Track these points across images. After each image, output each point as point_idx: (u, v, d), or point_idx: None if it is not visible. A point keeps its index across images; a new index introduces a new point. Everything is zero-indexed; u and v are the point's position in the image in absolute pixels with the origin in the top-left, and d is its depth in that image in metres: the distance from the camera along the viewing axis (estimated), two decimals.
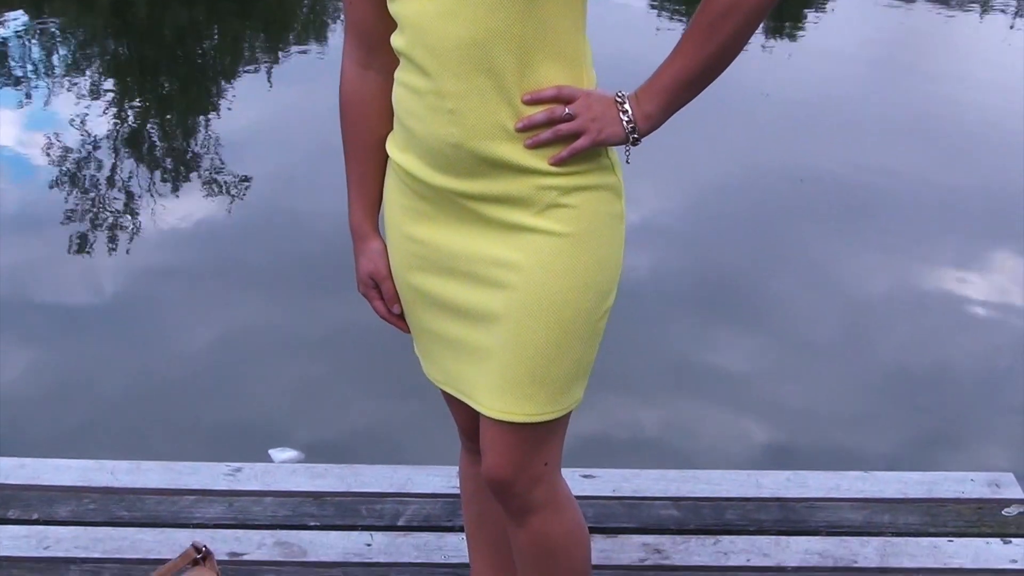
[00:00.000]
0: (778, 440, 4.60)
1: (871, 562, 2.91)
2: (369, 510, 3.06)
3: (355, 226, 2.24)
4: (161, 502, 3.06)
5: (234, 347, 5.07)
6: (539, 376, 2.05)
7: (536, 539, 2.20)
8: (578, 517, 2.25)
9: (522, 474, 2.13)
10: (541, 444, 2.13)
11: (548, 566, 2.23)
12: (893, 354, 5.16)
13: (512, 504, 2.17)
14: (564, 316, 2.04)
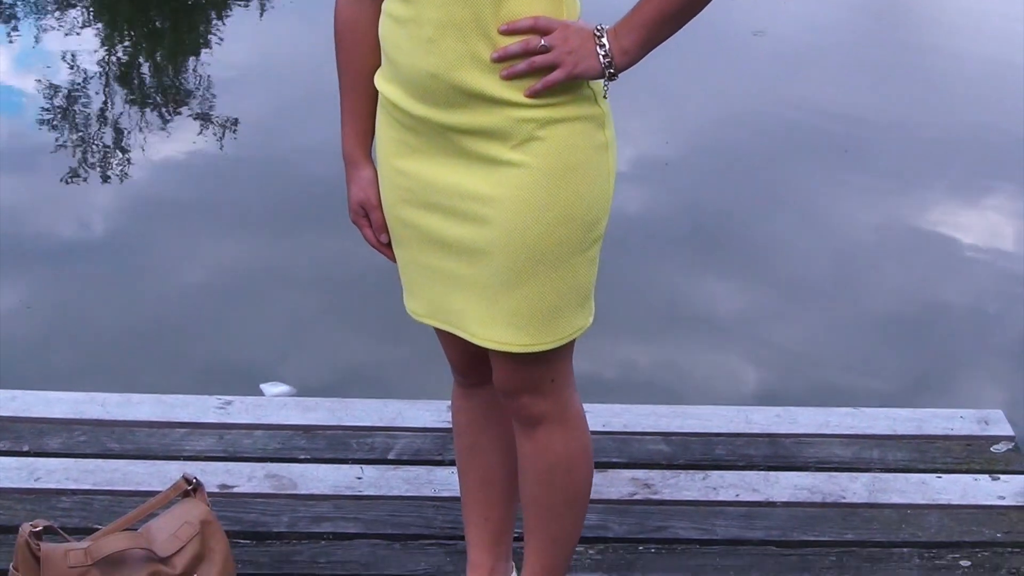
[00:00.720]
0: (768, 379, 4.61)
1: (860, 497, 2.92)
2: (360, 444, 3.06)
3: (347, 153, 2.24)
4: (152, 435, 3.07)
5: (225, 284, 5.06)
6: (528, 308, 2.07)
7: (540, 451, 2.23)
8: (585, 440, 2.27)
9: (528, 388, 2.17)
10: (544, 364, 2.15)
11: (547, 481, 2.25)
12: (884, 295, 5.16)
13: (520, 414, 2.21)
14: (547, 250, 2.04)
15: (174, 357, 4.48)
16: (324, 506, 2.84)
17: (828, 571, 2.69)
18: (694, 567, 2.70)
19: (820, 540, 2.79)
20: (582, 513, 2.34)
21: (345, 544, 2.73)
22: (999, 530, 2.83)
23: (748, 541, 2.78)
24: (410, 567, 2.67)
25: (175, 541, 2.40)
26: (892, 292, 5.19)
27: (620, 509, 2.86)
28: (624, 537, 2.77)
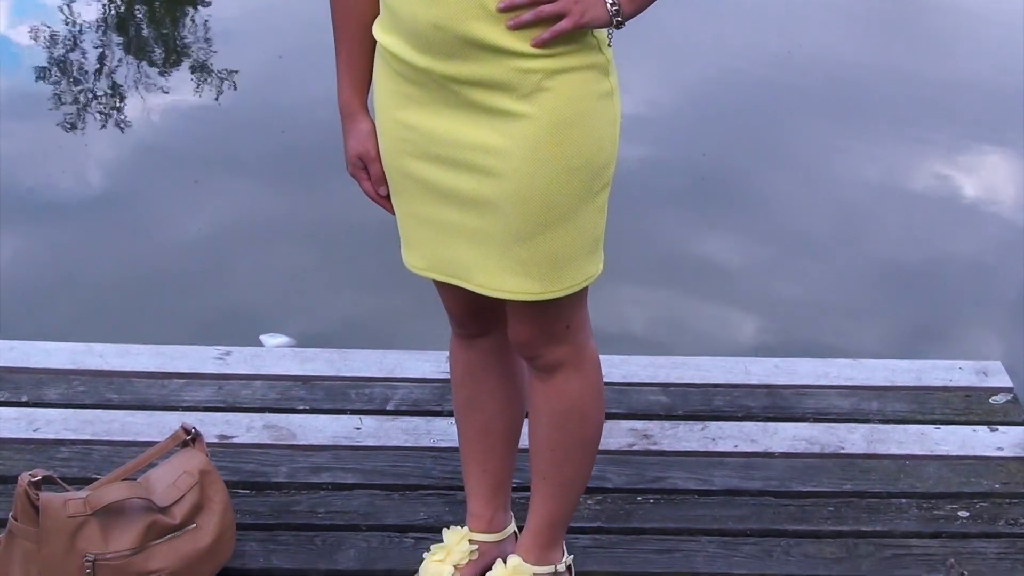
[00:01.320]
0: (768, 332, 4.62)
1: (858, 448, 2.93)
2: (358, 394, 3.06)
3: (344, 106, 2.21)
4: (151, 385, 3.07)
5: (224, 236, 5.05)
6: (539, 256, 2.07)
7: (555, 396, 2.24)
8: (598, 385, 2.28)
9: (543, 337, 2.18)
10: (558, 311, 2.16)
11: (561, 425, 2.26)
12: (884, 247, 5.16)
13: (536, 362, 2.22)
14: (555, 198, 2.03)
15: (173, 308, 4.48)
16: (323, 456, 2.84)
17: (826, 521, 2.70)
18: (692, 517, 2.71)
19: (818, 491, 2.79)
20: (592, 458, 2.36)
21: (344, 494, 2.73)
22: (997, 481, 2.84)
23: (746, 491, 2.78)
24: (409, 517, 2.68)
25: (174, 491, 2.41)
26: (892, 244, 5.19)
27: (619, 459, 2.86)
28: (623, 487, 2.78)
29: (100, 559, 2.30)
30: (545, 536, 2.38)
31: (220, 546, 2.44)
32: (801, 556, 2.61)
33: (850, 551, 2.62)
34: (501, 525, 2.49)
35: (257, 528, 2.63)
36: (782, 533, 2.67)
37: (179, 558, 2.38)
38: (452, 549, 2.45)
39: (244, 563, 2.53)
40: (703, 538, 2.65)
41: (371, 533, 2.63)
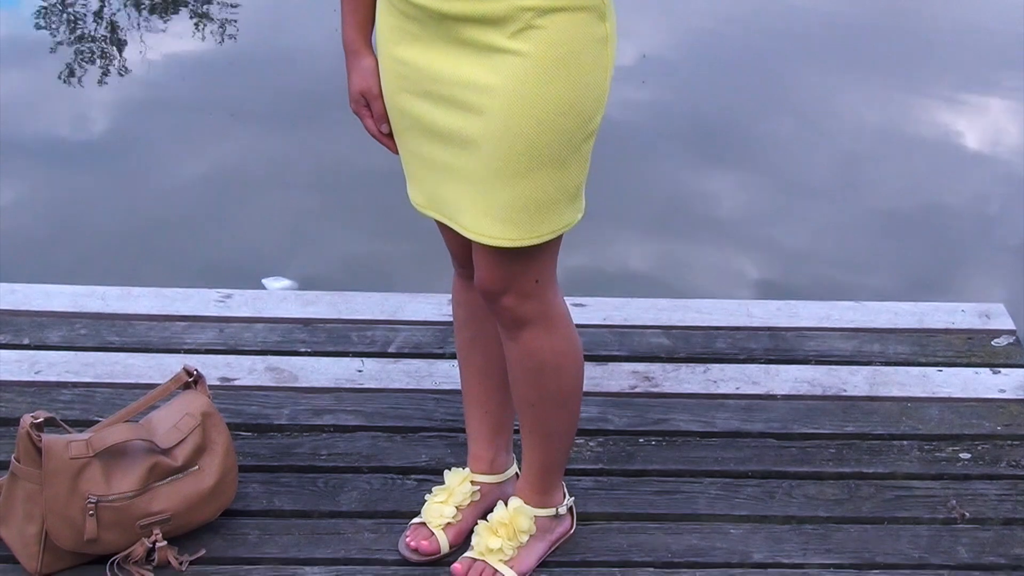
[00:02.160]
0: (770, 277, 4.61)
1: (860, 390, 2.92)
2: (360, 337, 3.06)
3: (347, 42, 2.20)
4: (152, 328, 3.06)
5: (226, 181, 5.04)
6: (520, 201, 2.05)
7: (527, 354, 2.22)
8: (571, 337, 2.25)
9: (512, 289, 2.15)
10: (530, 263, 2.14)
11: (537, 382, 2.25)
12: (886, 193, 5.14)
13: (504, 317, 2.19)
14: (540, 141, 2.02)
15: (174, 254, 4.47)
16: (325, 399, 2.84)
17: (828, 463, 2.70)
18: (694, 459, 2.70)
19: (820, 432, 2.79)
20: (575, 409, 2.35)
21: (346, 436, 2.73)
22: (999, 423, 2.83)
23: (748, 433, 2.78)
24: (411, 459, 2.67)
25: (176, 433, 2.41)
26: (894, 190, 5.17)
27: (621, 402, 2.86)
28: (624, 429, 2.78)
29: (102, 501, 2.30)
30: (541, 482, 2.39)
31: (222, 488, 2.44)
32: (802, 498, 2.61)
33: (851, 493, 2.62)
34: (503, 467, 2.49)
35: (259, 470, 2.63)
36: (784, 475, 2.67)
37: (181, 500, 2.38)
38: (454, 490, 2.45)
39: (247, 505, 2.53)
40: (705, 480, 2.65)
41: (373, 475, 2.63)
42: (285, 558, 2.41)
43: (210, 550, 2.41)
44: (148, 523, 2.35)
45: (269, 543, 2.44)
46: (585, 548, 2.46)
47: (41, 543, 2.32)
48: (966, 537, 2.52)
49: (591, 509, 2.54)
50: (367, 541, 2.45)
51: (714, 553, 2.46)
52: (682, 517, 2.55)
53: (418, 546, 2.41)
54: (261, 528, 2.48)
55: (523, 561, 2.37)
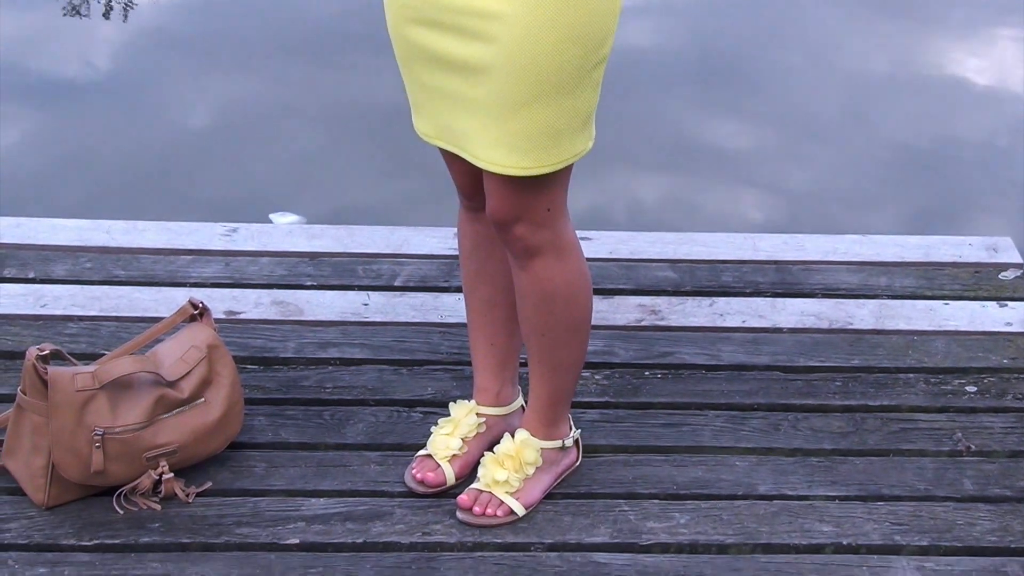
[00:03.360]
0: (777, 213, 4.59)
1: (866, 324, 2.91)
2: (366, 270, 3.05)
3: None
4: (158, 261, 3.05)
5: (232, 119, 5.01)
6: (531, 129, 2.04)
7: (537, 283, 2.21)
8: (581, 267, 2.25)
9: (524, 218, 2.14)
10: (542, 191, 2.12)
11: (547, 311, 2.24)
12: (894, 130, 5.11)
13: (515, 246, 2.18)
14: (551, 68, 2.00)
15: (180, 191, 4.46)
16: (330, 332, 2.83)
17: (834, 396, 2.69)
18: (700, 392, 2.70)
19: (826, 365, 2.78)
20: (584, 339, 2.34)
21: (352, 369, 2.72)
22: (1006, 356, 2.82)
23: (754, 366, 2.77)
24: (417, 392, 2.67)
25: (182, 365, 2.40)
26: (902, 127, 5.14)
27: (627, 335, 2.85)
28: (630, 362, 2.77)
29: (109, 433, 2.29)
30: (548, 414, 2.38)
31: (229, 420, 2.43)
32: (808, 430, 2.60)
33: (857, 425, 2.61)
34: (508, 399, 2.48)
35: (265, 403, 2.62)
36: (789, 408, 2.66)
37: (188, 432, 2.37)
38: (460, 422, 2.45)
39: (252, 437, 2.53)
40: (710, 412, 2.64)
41: (379, 408, 2.62)
42: (291, 490, 2.41)
43: (216, 482, 2.41)
44: (154, 455, 2.34)
45: (275, 475, 2.44)
46: (591, 480, 2.45)
47: (48, 475, 2.31)
48: (971, 470, 2.51)
49: (597, 441, 2.54)
50: (373, 473, 2.45)
51: (719, 485, 2.45)
52: (687, 449, 2.54)
53: (424, 478, 2.41)
54: (267, 460, 2.48)
55: (529, 493, 2.37)
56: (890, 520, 2.38)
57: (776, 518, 2.37)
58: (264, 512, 2.35)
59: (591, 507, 2.39)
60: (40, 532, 2.29)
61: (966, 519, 2.39)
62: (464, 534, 2.32)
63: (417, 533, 2.31)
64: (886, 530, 2.35)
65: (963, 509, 2.41)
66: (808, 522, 2.37)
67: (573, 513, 2.37)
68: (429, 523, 2.34)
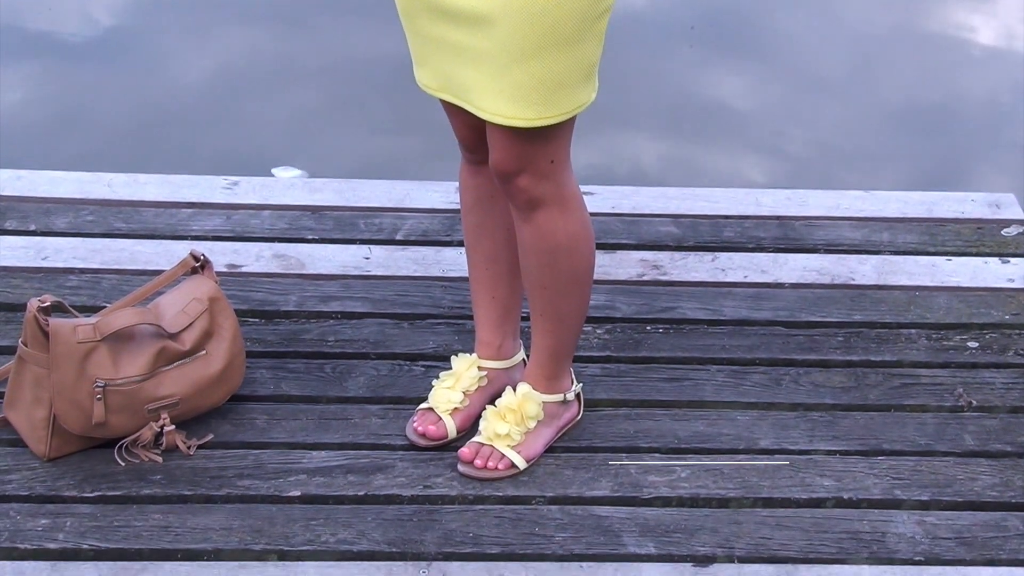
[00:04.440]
0: (780, 170, 4.58)
1: (868, 279, 2.91)
2: (367, 224, 3.04)
3: None
4: (159, 214, 3.04)
5: (235, 74, 4.99)
6: (535, 80, 2.03)
7: (540, 235, 2.20)
8: (584, 219, 2.24)
9: (527, 170, 2.13)
10: (546, 143, 2.11)
11: (550, 264, 2.23)
12: (898, 88, 5.09)
13: (518, 198, 2.17)
14: (556, 18, 1.99)
15: (182, 144, 4.44)
16: (332, 286, 2.83)
17: (835, 351, 2.69)
18: (701, 346, 2.69)
19: (828, 321, 2.77)
20: (587, 292, 2.33)
21: (353, 323, 2.72)
22: (1008, 312, 2.82)
23: (755, 321, 2.77)
24: (418, 345, 2.66)
25: (184, 317, 2.39)
26: (906, 85, 5.12)
27: (628, 290, 2.85)
28: (632, 317, 2.77)
29: (110, 385, 2.29)
30: (550, 367, 2.38)
31: (230, 373, 2.43)
32: (810, 385, 2.60)
33: (858, 380, 2.61)
34: (510, 352, 2.48)
35: (267, 356, 2.62)
36: (791, 363, 2.66)
37: (189, 384, 2.37)
38: (461, 376, 2.44)
39: (254, 390, 2.53)
40: (712, 367, 2.64)
41: (380, 361, 2.62)
42: (292, 443, 2.41)
43: (218, 434, 2.41)
44: (156, 407, 2.34)
45: (277, 428, 2.44)
46: (592, 434, 2.45)
47: (49, 427, 2.31)
48: (972, 425, 2.51)
49: (599, 395, 2.54)
50: (374, 426, 2.45)
51: (720, 439, 2.45)
52: (689, 404, 2.54)
53: (425, 431, 2.41)
54: (269, 413, 2.48)
55: (530, 446, 2.37)
56: (891, 475, 2.38)
57: (777, 472, 2.37)
58: (266, 464, 2.35)
59: (592, 461, 2.39)
60: (42, 484, 2.29)
61: (967, 474, 2.39)
62: (465, 487, 2.32)
63: (418, 486, 2.31)
64: (887, 485, 2.35)
65: (964, 464, 2.41)
66: (809, 476, 2.37)
67: (574, 467, 2.37)
68: (430, 476, 2.34)
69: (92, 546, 2.18)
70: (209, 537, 2.20)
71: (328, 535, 2.21)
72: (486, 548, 2.20)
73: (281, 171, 4.10)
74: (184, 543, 2.19)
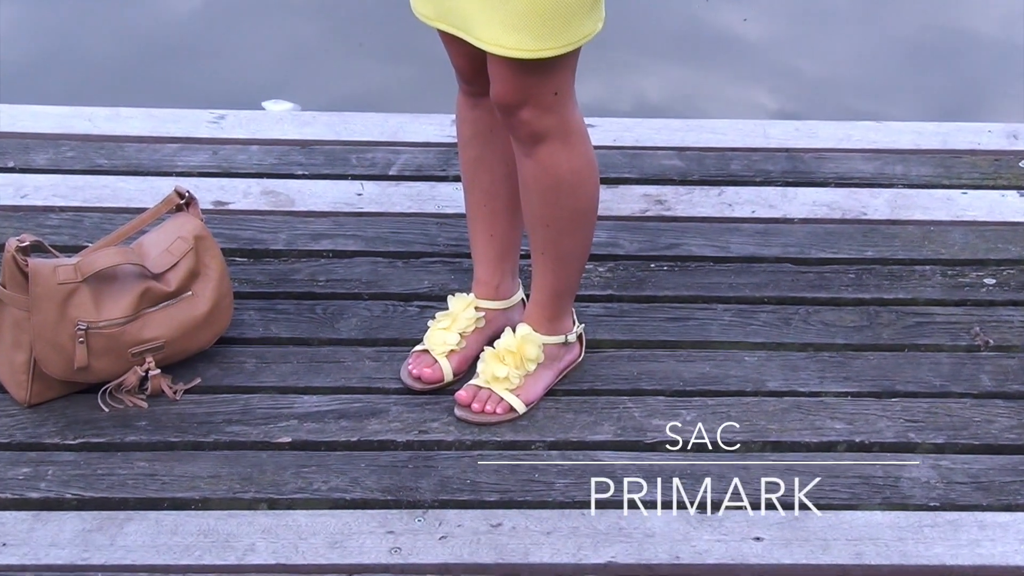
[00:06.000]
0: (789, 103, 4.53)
1: (881, 214, 2.88)
2: (359, 159, 3.02)
3: None
4: (142, 150, 3.02)
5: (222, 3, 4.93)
6: (538, 9, 2.00)
7: (543, 170, 2.17)
8: (589, 154, 2.21)
9: (530, 102, 2.10)
10: (549, 74, 2.08)
11: (552, 200, 2.21)
12: (912, 17, 5.03)
13: (520, 132, 2.14)
14: None
15: (167, 78, 4.39)
16: (323, 223, 2.81)
17: (846, 288, 2.66)
18: (708, 284, 2.67)
19: (839, 257, 2.75)
20: (590, 230, 2.31)
21: (345, 262, 2.70)
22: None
23: (764, 258, 2.75)
24: (413, 285, 2.65)
25: (168, 256, 2.37)
26: (920, 14, 5.06)
27: (632, 226, 2.83)
28: (636, 254, 2.75)
29: (93, 327, 2.26)
30: (551, 308, 2.35)
31: (217, 314, 2.40)
32: (820, 324, 2.57)
33: (871, 319, 2.59)
34: (508, 292, 2.46)
35: (255, 296, 2.60)
36: (800, 301, 2.64)
37: (175, 326, 2.35)
38: (458, 316, 2.42)
39: (242, 332, 2.51)
40: (718, 306, 2.62)
41: (373, 302, 2.60)
42: (283, 386, 2.39)
43: (205, 379, 2.39)
44: (140, 351, 2.32)
45: (266, 371, 2.42)
46: (594, 376, 2.43)
47: (30, 371, 2.29)
48: (989, 364, 2.49)
49: (600, 336, 2.52)
50: (368, 369, 2.43)
51: (727, 381, 2.43)
52: (694, 344, 2.52)
53: (421, 374, 2.38)
54: (258, 356, 2.46)
55: (530, 389, 2.35)
56: (904, 417, 2.36)
57: (786, 415, 2.35)
58: (255, 410, 2.33)
59: (594, 404, 2.37)
60: (22, 430, 2.27)
61: (983, 416, 2.37)
62: (462, 432, 2.30)
63: (413, 431, 2.29)
64: (900, 427, 2.33)
65: (980, 406, 2.39)
66: (819, 419, 2.35)
67: (575, 410, 2.36)
68: (426, 420, 2.32)
69: (75, 495, 2.16)
70: (197, 485, 2.18)
71: (320, 482, 2.19)
72: (484, 495, 2.19)
73: (272, 104, 4.07)
74: (171, 491, 2.17)
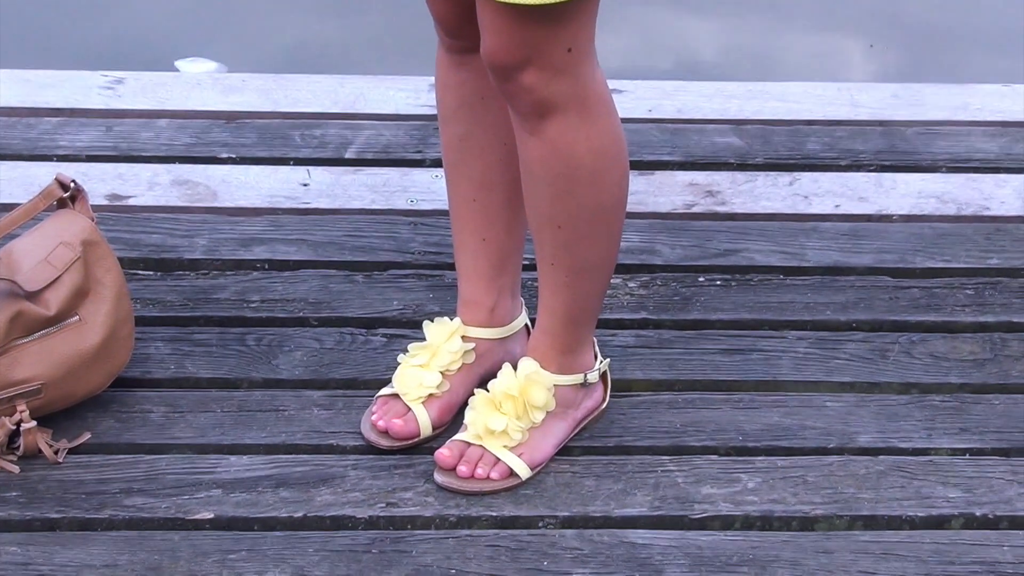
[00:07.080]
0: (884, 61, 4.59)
1: (1011, 209, 2.94)
2: (305, 137, 3.07)
3: None
4: (12, 125, 3.06)
5: None
6: None
7: (553, 153, 2.18)
8: (615, 131, 2.22)
9: (534, 62, 2.10)
10: (561, 25, 2.08)
11: (566, 192, 2.22)
12: None
13: (521, 101, 2.14)
14: None
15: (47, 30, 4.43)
16: (256, 224, 2.85)
17: (963, 309, 2.70)
18: (776, 305, 2.71)
19: (953, 268, 2.80)
20: (617, 232, 2.32)
21: (286, 276, 2.74)
22: None
23: (852, 269, 2.79)
24: (378, 306, 2.68)
25: (47, 269, 2.38)
26: None
27: (672, 225, 2.87)
28: (678, 264, 2.79)
29: None
30: (564, 338, 2.36)
31: (113, 347, 2.42)
32: (928, 357, 2.60)
33: (996, 351, 2.62)
34: (507, 317, 2.47)
35: (165, 323, 2.63)
36: (902, 327, 2.67)
37: (56, 363, 2.36)
38: (438, 349, 2.43)
39: (148, 371, 2.53)
40: (790, 333, 2.65)
41: (324, 329, 2.64)
42: (202, 444, 2.41)
43: (96, 434, 2.41)
44: (10, 395, 2.33)
45: (180, 424, 2.44)
46: (623, 429, 2.45)
47: None
48: None
49: (631, 375, 2.54)
50: (317, 421, 2.46)
51: (804, 435, 2.45)
52: (758, 386, 2.55)
53: (389, 426, 2.40)
54: (168, 403, 2.48)
55: (537, 447, 2.36)
56: None
57: (882, 480, 2.37)
58: (164, 476, 2.34)
59: (623, 467, 2.38)
60: None
61: None
62: (445, 505, 2.31)
63: (379, 504, 2.31)
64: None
65: None
66: (928, 486, 2.36)
67: (598, 475, 2.37)
68: (396, 490, 2.33)
69: None
70: None
71: (253, 574, 2.19)
72: None
73: (188, 64, 4.11)
74: None
